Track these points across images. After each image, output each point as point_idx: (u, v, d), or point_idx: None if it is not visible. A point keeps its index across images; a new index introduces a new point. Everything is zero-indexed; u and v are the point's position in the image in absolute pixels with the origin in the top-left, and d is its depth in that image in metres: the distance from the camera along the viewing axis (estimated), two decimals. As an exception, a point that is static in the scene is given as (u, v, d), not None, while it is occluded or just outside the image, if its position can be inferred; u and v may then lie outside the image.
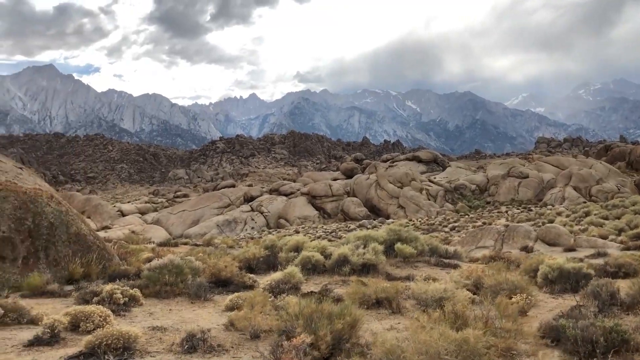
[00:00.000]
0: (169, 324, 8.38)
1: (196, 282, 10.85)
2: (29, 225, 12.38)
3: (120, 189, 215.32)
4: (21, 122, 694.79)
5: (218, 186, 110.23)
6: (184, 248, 25.77)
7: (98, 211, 47.88)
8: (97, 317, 7.78)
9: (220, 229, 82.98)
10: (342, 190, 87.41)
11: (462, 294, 9.10)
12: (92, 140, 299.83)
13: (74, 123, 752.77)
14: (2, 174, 12.76)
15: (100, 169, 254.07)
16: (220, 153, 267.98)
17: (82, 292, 10.26)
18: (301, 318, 6.24)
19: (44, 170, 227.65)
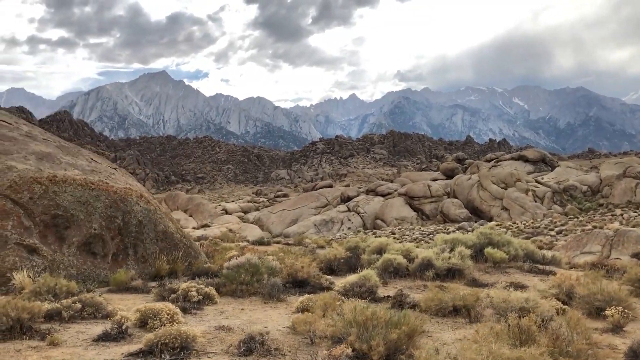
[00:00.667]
0: (237, 323, 8.33)
1: (270, 282, 10.78)
2: (119, 223, 12.97)
3: (226, 188, 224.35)
4: (137, 125, 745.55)
5: (316, 186, 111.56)
6: (274, 247, 26.11)
7: (199, 210, 50.08)
8: (164, 314, 7.88)
9: (317, 228, 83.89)
10: (441, 191, 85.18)
11: (548, 304, 8.29)
12: (201, 143, 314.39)
13: (185, 126, 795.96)
14: (95, 174, 13.47)
15: (209, 170, 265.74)
16: (320, 154, 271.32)
17: (161, 289, 10.55)
18: (355, 325, 5.90)
19: (157, 170, 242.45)
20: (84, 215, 12.35)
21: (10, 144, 13.00)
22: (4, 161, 12.12)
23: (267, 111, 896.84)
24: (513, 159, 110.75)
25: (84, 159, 14.27)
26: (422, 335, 6.16)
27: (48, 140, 14.36)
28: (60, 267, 11.43)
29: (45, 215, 11.73)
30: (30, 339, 6.95)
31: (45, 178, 12.10)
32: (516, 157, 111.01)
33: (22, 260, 10.80)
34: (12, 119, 15.14)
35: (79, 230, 12.19)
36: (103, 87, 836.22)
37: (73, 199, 12.28)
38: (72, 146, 15.27)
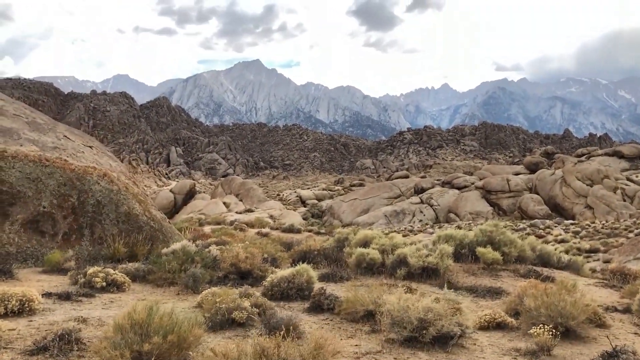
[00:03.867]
0: (103, 315, 7.47)
1: (190, 272, 9.84)
2: (73, 202, 12.53)
3: (311, 176, 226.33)
4: (231, 112, 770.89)
5: (392, 176, 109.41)
6: (300, 235, 25.25)
7: (249, 194, 50.35)
8: (15, 301, 7.17)
9: (387, 219, 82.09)
10: (521, 186, 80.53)
11: (456, 318, 6.77)
12: (289, 130, 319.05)
13: (276, 114, 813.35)
14: (57, 151, 13.14)
15: (296, 157, 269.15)
16: (407, 144, 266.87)
17: (74, 272, 9.94)
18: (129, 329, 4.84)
19: (247, 156, 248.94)
20: (32, 192, 12.00)
21: (-31, 118, 12.92)
22: (-49, 134, 12.00)
23: (356, 100, 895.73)
24: (607, 155, 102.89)
25: (54, 136, 14.00)
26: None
27: (19, 116, 14.21)
28: (-4, 244, 11.11)
29: (-14, 191, 11.46)
30: None
31: (-8, 153, 11.83)
32: (610, 152, 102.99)
33: (-51, 235, 10.56)
34: (-12, 94, 15.19)
35: (26, 207, 11.85)
36: (200, 74, 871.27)
37: (21, 175, 11.96)
38: (48, 123, 15.08)
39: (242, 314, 7.22)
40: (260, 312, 7.58)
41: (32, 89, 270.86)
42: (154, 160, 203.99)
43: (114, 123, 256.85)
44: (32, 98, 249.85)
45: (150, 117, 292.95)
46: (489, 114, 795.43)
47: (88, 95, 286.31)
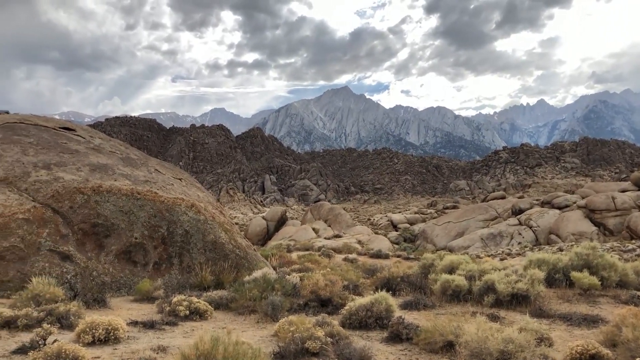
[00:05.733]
0: (185, 344, 7.65)
1: (269, 299, 9.91)
2: (163, 232, 13.11)
3: (403, 199, 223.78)
4: (321, 139, 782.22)
5: (487, 197, 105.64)
6: (390, 260, 24.86)
7: (338, 220, 50.32)
8: (101, 329, 7.53)
9: (484, 242, 79.04)
10: (629, 204, 74.73)
11: (540, 350, 6.28)
12: (379, 154, 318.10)
13: (365, 138, 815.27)
14: (148, 185, 13.83)
15: (387, 181, 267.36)
16: (503, 163, 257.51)
17: (161, 301, 10.32)
18: None
19: (338, 182, 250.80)
20: (125, 224, 12.68)
21: (70, 156, 13.92)
22: (54, 172, 12.97)
23: (447, 120, 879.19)
24: None
25: (145, 170, 14.77)
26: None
27: (114, 153, 15.14)
28: (93, 274, 11.82)
29: (84, 224, 12.26)
30: (-44, 345, 7.05)
31: (89, 188, 12.67)
32: None
33: (52, 267, 11.35)
34: (89, 133, 16.33)
35: (119, 239, 12.53)
36: (291, 104, 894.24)
37: (115, 209, 12.69)
38: (140, 158, 15.95)
39: (315, 343, 7.13)
40: (334, 341, 7.47)
41: (137, 126, 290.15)
42: (250, 189, 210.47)
43: (212, 154, 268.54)
44: (138, 134, 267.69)
45: (245, 147, 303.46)
46: (590, 128, 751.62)
47: (188, 129, 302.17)
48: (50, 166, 13.31)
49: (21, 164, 13.27)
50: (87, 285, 11.35)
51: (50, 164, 13.42)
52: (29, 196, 12.34)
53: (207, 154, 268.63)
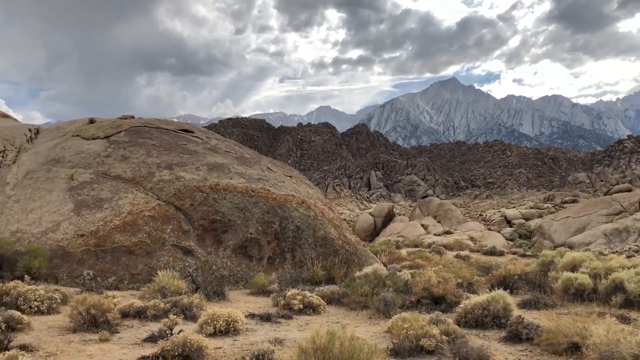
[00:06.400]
0: (300, 337, 7.82)
1: (381, 296, 9.85)
2: (276, 228, 13.51)
3: (517, 194, 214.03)
4: (428, 133, 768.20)
5: (610, 190, 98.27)
6: (505, 258, 23.93)
7: (447, 216, 48.83)
8: (222, 321, 7.88)
9: (607, 238, 73.63)
10: None
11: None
12: (490, 147, 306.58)
13: (475, 131, 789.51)
14: (261, 182, 14.28)
15: (499, 175, 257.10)
16: (628, 153, 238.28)
17: (276, 295, 10.63)
18: (312, 354, 4.99)
19: (447, 176, 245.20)
20: (241, 221, 13.21)
21: (190, 157, 14.72)
22: (176, 172, 13.77)
23: (564, 109, 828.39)
24: None
25: (258, 168, 15.28)
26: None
27: (229, 153, 15.80)
28: (212, 268, 12.43)
29: (204, 220, 12.92)
30: (95, 333, 7.68)
31: (208, 186, 13.33)
32: None
33: (176, 261, 12.08)
34: (205, 134, 17.16)
35: (236, 234, 13.08)
36: (396, 98, 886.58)
37: (231, 205, 13.26)
38: (253, 157, 16.51)
39: (430, 341, 6.99)
40: (450, 340, 7.28)
41: (248, 126, 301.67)
42: (356, 185, 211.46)
43: (319, 152, 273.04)
44: (249, 134, 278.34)
45: (351, 144, 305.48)
46: None
47: (295, 128, 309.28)
48: (172, 166, 14.17)
49: (146, 165, 14.25)
50: (207, 279, 11.95)
51: (172, 164, 14.29)
52: (153, 195, 13.23)
53: (314, 151, 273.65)
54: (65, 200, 13.06)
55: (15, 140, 16.66)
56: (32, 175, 14.37)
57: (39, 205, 13.09)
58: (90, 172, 14.06)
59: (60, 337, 7.48)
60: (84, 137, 16.25)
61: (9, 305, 8.66)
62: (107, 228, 12.19)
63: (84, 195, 13.19)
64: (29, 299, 8.87)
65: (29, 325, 7.81)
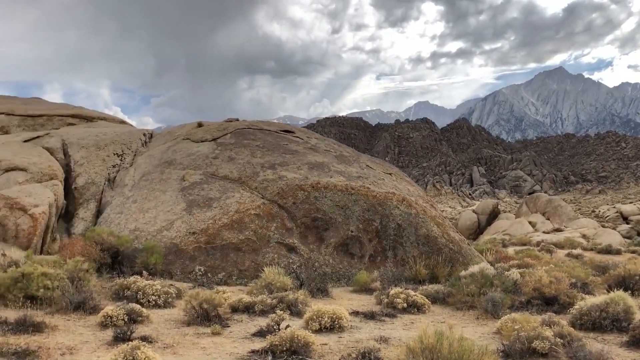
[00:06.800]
0: (405, 336, 7.74)
1: (489, 296, 9.52)
2: (377, 226, 13.48)
3: (633, 188, 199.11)
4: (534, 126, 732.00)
5: None
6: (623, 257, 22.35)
7: (557, 212, 45.94)
8: (326, 318, 7.98)
9: None
10: None
11: None
12: (603, 139, 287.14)
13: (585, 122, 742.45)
14: (361, 180, 14.29)
15: (613, 168, 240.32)
16: None
17: (379, 293, 10.60)
18: (419, 353, 4.92)
19: (555, 171, 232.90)
20: (341, 218, 13.32)
21: (291, 156, 15.03)
22: (279, 172, 14.13)
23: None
24: None
25: (357, 166, 15.31)
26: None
27: (329, 151, 15.96)
28: (315, 265, 12.63)
29: (306, 218, 13.17)
30: (208, 327, 8.06)
31: (309, 185, 13.56)
32: None
33: (280, 257, 12.40)
34: (305, 134, 17.43)
35: (337, 232, 13.21)
36: (499, 91, 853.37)
37: (332, 204, 13.40)
38: (352, 155, 16.55)
39: (543, 344, 6.66)
40: (565, 343, 6.88)
41: (345, 125, 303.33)
42: (457, 182, 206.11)
43: (417, 148, 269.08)
44: (346, 133, 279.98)
45: (451, 139, 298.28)
46: None
47: (393, 125, 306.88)
48: (275, 166, 14.57)
49: (251, 165, 14.75)
50: (310, 276, 12.15)
51: (274, 164, 14.69)
52: (258, 194, 13.66)
53: (412, 148, 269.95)
54: (177, 200, 13.82)
55: (131, 144, 17.87)
56: (147, 176, 15.35)
57: (154, 205, 13.95)
58: (199, 173, 14.79)
59: (176, 330, 7.91)
60: (193, 140, 17.12)
61: (130, 299, 9.30)
62: (216, 226, 12.75)
63: (195, 195, 13.89)
64: (147, 293, 9.47)
65: (148, 318, 8.36)
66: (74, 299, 8.59)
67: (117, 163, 16.76)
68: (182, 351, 6.85)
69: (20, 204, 12.97)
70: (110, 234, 12.28)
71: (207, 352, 6.81)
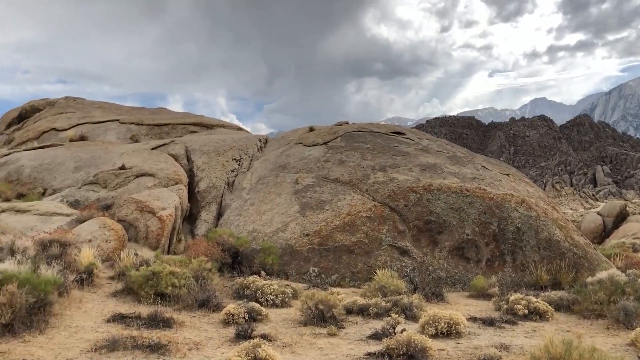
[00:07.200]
0: (527, 344, 7.40)
1: (621, 304, 8.83)
2: (494, 229, 13.00)
3: None
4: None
5: None
6: None
7: None
8: (443, 323, 7.83)
9: None
10: None
11: None
12: None
13: None
14: (476, 182, 13.85)
15: None
16: None
17: (497, 299, 10.21)
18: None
19: None
20: (456, 221, 13.00)
21: (402, 158, 14.89)
22: (389, 174, 14.05)
23: None
24: None
25: (472, 167, 14.84)
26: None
27: (441, 152, 15.61)
28: (429, 269, 12.43)
29: (418, 221, 12.99)
30: (324, 327, 8.20)
31: (421, 187, 13.37)
32: None
33: (393, 260, 12.34)
34: (416, 135, 17.16)
35: (451, 235, 12.90)
36: (625, 84, 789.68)
37: (446, 206, 13.12)
38: (467, 155, 16.06)
39: (688, 360, 6.07)
40: None
41: (456, 124, 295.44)
42: (579, 182, 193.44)
43: (534, 147, 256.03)
44: (457, 132, 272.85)
45: (571, 137, 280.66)
46: None
47: (507, 124, 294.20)
48: (385, 168, 14.53)
49: (361, 168, 14.83)
50: (424, 279, 11.98)
51: (385, 166, 14.65)
52: (369, 196, 13.70)
53: (529, 147, 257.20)
54: (291, 203, 14.21)
55: (248, 149, 18.66)
56: (263, 180, 15.94)
57: (269, 207, 14.45)
58: (312, 176, 15.11)
59: (293, 329, 8.13)
60: (305, 144, 17.53)
61: (249, 298, 9.70)
62: (329, 228, 12.95)
63: (307, 198, 14.20)
64: (265, 293, 9.82)
65: (267, 316, 8.66)
66: (198, 296, 9.10)
67: (235, 168, 17.56)
68: (300, 350, 7.02)
69: (150, 207, 13.99)
70: (230, 235, 12.89)
71: (324, 353, 6.93)
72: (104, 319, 7.93)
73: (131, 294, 9.40)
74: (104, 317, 8.02)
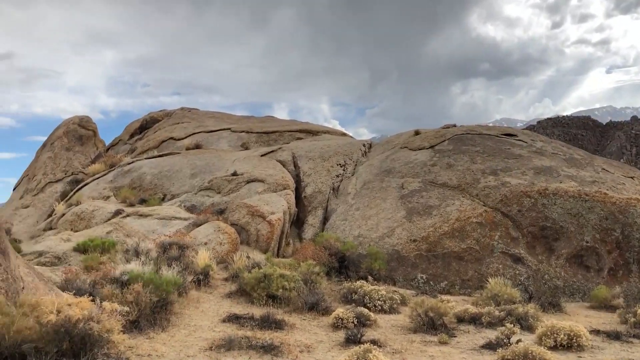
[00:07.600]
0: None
1: None
2: (617, 236, 12.12)
3: None
4: None
5: None
6: None
7: None
8: (563, 335, 7.39)
9: None
10: None
11: None
12: None
13: None
14: (595, 185, 12.95)
15: None
16: None
17: (622, 311, 9.47)
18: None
19: None
20: (574, 227, 12.26)
21: (514, 161, 14.24)
22: (501, 178, 13.50)
23: None
24: None
25: (591, 170, 13.90)
26: None
27: (556, 154, 14.76)
28: (544, 277, 11.81)
29: (532, 227, 12.38)
30: (434, 335, 8.03)
31: (535, 191, 12.74)
32: None
33: (505, 268, 11.85)
34: (529, 137, 16.32)
35: (569, 242, 12.18)
36: None
37: (562, 211, 12.41)
38: (585, 157, 15.04)
39: None
40: None
41: (570, 125, 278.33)
42: None
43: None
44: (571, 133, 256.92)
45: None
46: None
47: (628, 123, 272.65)
48: (497, 172, 13.99)
49: (471, 172, 14.39)
50: (539, 288, 11.39)
51: (496, 169, 14.12)
52: (479, 201, 13.25)
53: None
54: (397, 208, 14.09)
55: (352, 155, 18.74)
56: (368, 185, 15.94)
57: (375, 212, 14.42)
58: (418, 180, 14.89)
59: (403, 336, 8.04)
60: (410, 148, 17.32)
61: (357, 302, 9.72)
62: (437, 234, 12.69)
63: (414, 203, 14.01)
64: (373, 298, 9.80)
65: (375, 322, 8.64)
66: (308, 299, 9.27)
67: (340, 173, 17.72)
68: (410, 358, 6.93)
69: (260, 211, 14.46)
70: (336, 240, 13.01)
71: (436, 361, 6.79)
72: (220, 318, 8.30)
73: (244, 295, 9.76)
74: (219, 317, 8.40)
